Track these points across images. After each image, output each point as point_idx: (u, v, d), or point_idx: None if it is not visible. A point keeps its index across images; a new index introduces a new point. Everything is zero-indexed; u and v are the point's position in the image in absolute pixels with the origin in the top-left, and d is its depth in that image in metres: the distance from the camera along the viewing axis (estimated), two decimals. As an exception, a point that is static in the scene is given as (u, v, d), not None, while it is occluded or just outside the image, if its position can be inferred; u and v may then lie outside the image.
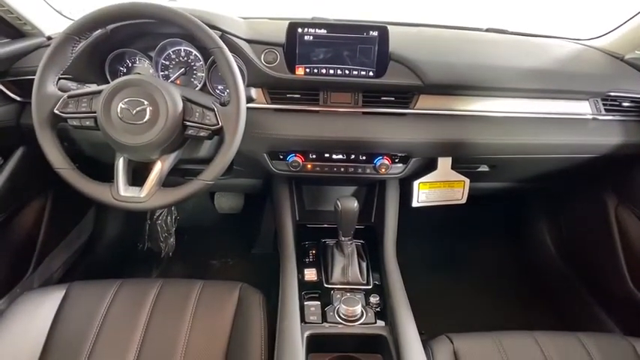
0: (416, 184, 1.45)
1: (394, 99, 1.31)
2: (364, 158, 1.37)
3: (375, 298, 1.24)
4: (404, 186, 1.52)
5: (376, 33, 1.23)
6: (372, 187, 1.59)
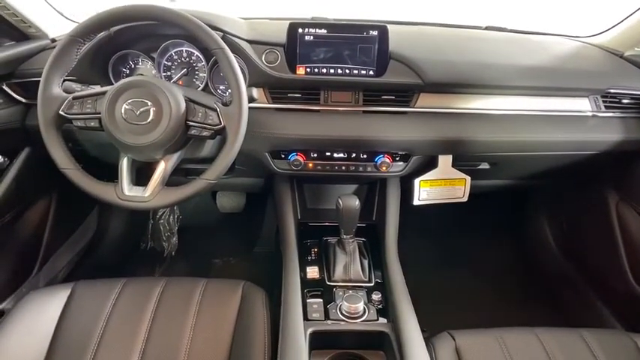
0: (417, 182, 1.45)
1: (394, 97, 1.32)
2: (365, 157, 1.37)
3: (377, 296, 1.24)
4: (405, 184, 1.52)
5: (376, 32, 1.23)
6: (373, 186, 1.59)
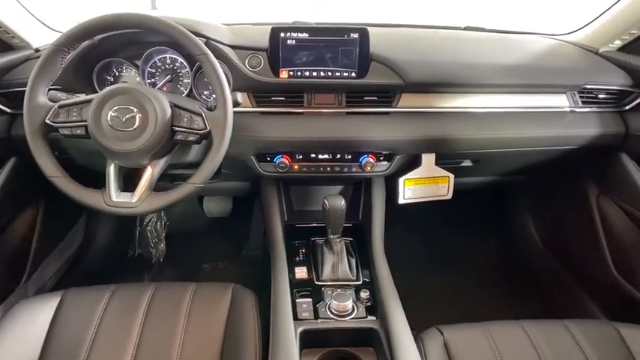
0: (401, 181, 1.46)
1: (377, 98, 1.33)
2: (350, 157, 1.38)
3: (365, 294, 1.25)
4: (390, 183, 1.53)
5: (357, 35, 1.25)
6: (359, 186, 1.60)
